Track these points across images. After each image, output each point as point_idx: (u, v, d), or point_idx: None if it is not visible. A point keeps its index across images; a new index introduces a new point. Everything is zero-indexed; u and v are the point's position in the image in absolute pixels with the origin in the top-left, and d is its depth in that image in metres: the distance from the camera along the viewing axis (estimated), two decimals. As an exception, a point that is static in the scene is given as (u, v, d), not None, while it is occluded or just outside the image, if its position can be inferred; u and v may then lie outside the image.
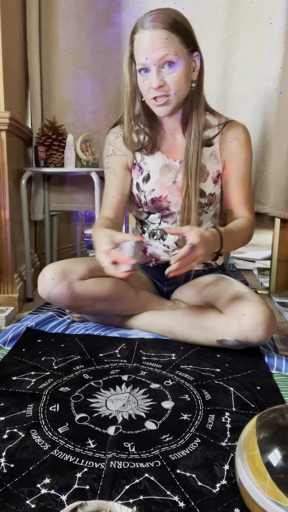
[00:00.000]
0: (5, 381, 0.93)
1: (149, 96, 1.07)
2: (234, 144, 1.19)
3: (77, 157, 1.66)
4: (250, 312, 1.03)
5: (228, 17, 1.53)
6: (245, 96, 1.60)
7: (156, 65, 1.02)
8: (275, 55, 1.48)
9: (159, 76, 1.03)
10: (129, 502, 0.58)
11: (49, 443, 0.71)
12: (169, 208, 1.23)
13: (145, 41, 1.01)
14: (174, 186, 1.20)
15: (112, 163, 1.25)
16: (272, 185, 1.60)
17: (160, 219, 1.25)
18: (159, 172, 1.21)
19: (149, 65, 1.03)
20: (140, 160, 1.22)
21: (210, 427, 0.77)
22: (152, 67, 1.03)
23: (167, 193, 1.20)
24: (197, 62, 1.08)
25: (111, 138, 1.25)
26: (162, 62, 1.02)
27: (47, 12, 1.63)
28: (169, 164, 1.20)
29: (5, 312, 1.33)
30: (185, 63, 1.04)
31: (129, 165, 1.25)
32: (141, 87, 1.09)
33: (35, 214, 1.81)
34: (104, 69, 1.68)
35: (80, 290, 1.14)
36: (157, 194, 1.21)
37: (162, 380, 0.95)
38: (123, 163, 1.24)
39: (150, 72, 1.04)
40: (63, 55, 1.66)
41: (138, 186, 1.24)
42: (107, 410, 0.82)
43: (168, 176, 1.20)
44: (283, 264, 1.78)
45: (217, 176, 1.22)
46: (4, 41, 1.39)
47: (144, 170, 1.22)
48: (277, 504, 0.50)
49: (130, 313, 1.26)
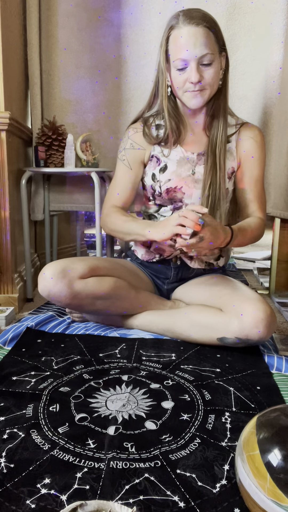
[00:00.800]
0: (5, 381, 0.93)
1: (185, 89, 1.12)
2: (250, 143, 1.24)
3: (77, 157, 1.66)
4: (250, 310, 1.03)
5: (228, 17, 1.54)
6: (245, 96, 1.60)
7: (196, 60, 1.07)
8: (275, 55, 1.48)
9: (199, 71, 1.08)
10: (129, 502, 0.58)
11: (49, 443, 0.71)
12: (182, 200, 1.25)
13: (187, 37, 1.05)
14: (190, 178, 1.22)
15: (129, 156, 1.27)
16: (272, 185, 1.60)
17: (172, 211, 1.27)
18: (177, 164, 1.23)
19: (189, 60, 1.07)
20: (159, 152, 1.25)
21: (210, 427, 0.77)
22: (192, 62, 1.07)
23: (182, 184, 1.23)
24: (224, 61, 1.14)
25: (131, 132, 1.27)
26: (202, 59, 1.07)
27: (47, 12, 1.63)
28: (187, 156, 1.23)
29: (5, 312, 1.33)
30: (218, 61, 1.11)
31: (145, 159, 1.27)
32: (175, 81, 1.13)
33: (35, 214, 1.81)
34: (104, 68, 1.68)
35: (80, 288, 1.14)
36: (173, 184, 1.23)
37: (162, 380, 0.95)
38: (140, 157, 1.27)
39: (189, 67, 1.08)
40: (63, 55, 1.66)
41: (154, 176, 1.26)
42: (107, 410, 0.82)
43: (185, 168, 1.23)
44: (283, 264, 1.78)
45: (231, 172, 1.25)
46: (4, 41, 1.39)
47: (162, 161, 1.24)
48: (277, 504, 0.50)
49: (129, 312, 1.26)
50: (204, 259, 1.30)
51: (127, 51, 1.65)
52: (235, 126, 1.25)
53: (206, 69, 1.09)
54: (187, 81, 1.10)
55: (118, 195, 1.28)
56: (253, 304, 1.04)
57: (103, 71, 1.68)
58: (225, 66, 1.15)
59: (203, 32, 1.05)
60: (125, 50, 1.65)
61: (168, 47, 1.11)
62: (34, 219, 1.82)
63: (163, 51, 1.13)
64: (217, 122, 1.19)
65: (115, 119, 1.72)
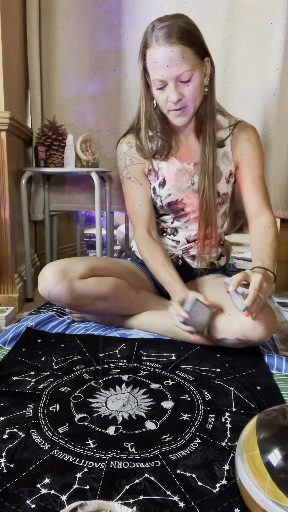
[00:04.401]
0: (5, 381, 0.93)
1: (167, 108, 1.11)
2: (245, 145, 1.22)
3: (77, 157, 1.66)
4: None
5: (228, 17, 1.53)
6: (245, 96, 1.60)
7: (173, 80, 1.05)
8: (275, 55, 1.48)
9: (177, 90, 1.06)
10: (129, 502, 0.58)
11: (49, 443, 0.71)
12: (184, 209, 1.25)
13: (161, 58, 1.03)
14: (190, 189, 1.22)
15: (133, 172, 1.25)
16: (272, 185, 1.60)
17: (173, 219, 1.27)
18: (174, 177, 1.22)
19: (167, 80, 1.05)
20: (156, 166, 1.24)
21: (210, 427, 0.77)
22: (170, 82, 1.05)
23: (183, 196, 1.23)
24: (208, 67, 1.11)
25: (125, 148, 1.25)
26: (180, 77, 1.04)
27: (47, 12, 1.63)
28: (184, 168, 1.22)
29: (5, 312, 1.33)
30: (199, 73, 1.07)
31: (146, 171, 1.26)
32: (158, 99, 1.12)
33: (35, 214, 1.81)
34: (104, 68, 1.68)
35: (80, 289, 1.14)
36: (174, 198, 1.23)
37: (162, 380, 0.95)
38: (142, 170, 1.26)
39: (168, 87, 1.06)
40: (63, 55, 1.66)
41: (154, 190, 1.26)
42: (107, 410, 0.82)
43: (183, 180, 1.22)
44: (283, 264, 1.78)
45: (229, 175, 1.24)
46: (4, 41, 1.39)
47: (160, 175, 1.23)
48: (277, 504, 0.50)
49: (129, 312, 1.26)
50: (207, 258, 1.30)
51: (127, 45, 1.64)
52: (228, 128, 1.23)
53: (185, 86, 1.06)
54: (168, 100, 1.08)
55: (144, 214, 1.25)
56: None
57: (103, 72, 1.68)
58: (211, 71, 1.11)
59: (178, 50, 1.02)
60: (125, 51, 1.65)
61: (146, 64, 1.09)
62: (34, 219, 1.82)
63: (141, 68, 1.10)
64: (205, 132, 1.17)
65: (115, 119, 1.72)
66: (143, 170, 1.26)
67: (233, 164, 1.24)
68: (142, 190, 1.26)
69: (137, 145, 1.23)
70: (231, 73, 1.59)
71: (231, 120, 1.24)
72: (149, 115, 1.17)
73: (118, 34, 1.65)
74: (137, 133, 1.23)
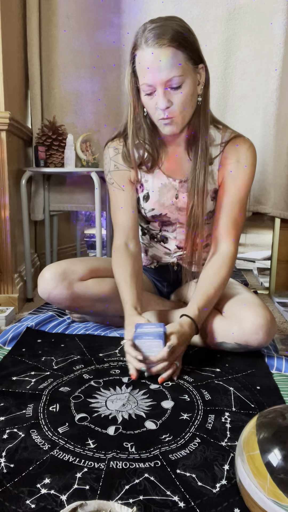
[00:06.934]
0: (5, 381, 0.93)
1: (156, 116, 1.02)
2: (233, 166, 1.11)
3: (77, 157, 1.66)
4: (251, 316, 1.02)
5: (228, 17, 1.53)
6: (245, 96, 1.60)
7: (162, 85, 0.95)
8: (275, 55, 1.49)
9: (166, 97, 0.97)
10: (129, 502, 0.58)
11: (49, 443, 0.71)
12: (170, 220, 1.20)
13: (150, 61, 0.94)
14: (173, 206, 1.17)
15: (116, 178, 1.17)
16: (272, 185, 1.60)
17: (160, 227, 1.24)
18: (159, 192, 1.15)
19: (155, 85, 0.96)
20: (141, 178, 1.17)
21: (210, 427, 0.77)
22: (158, 87, 0.96)
23: (166, 211, 1.17)
24: (203, 74, 1.01)
25: (111, 153, 1.17)
26: (169, 83, 0.95)
27: (47, 12, 1.63)
28: (169, 183, 1.15)
29: (5, 312, 1.33)
30: (191, 79, 0.98)
31: (132, 178, 1.18)
32: (147, 106, 1.03)
33: (35, 214, 1.81)
34: (104, 68, 1.68)
35: (80, 290, 1.13)
36: (157, 213, 1.18)
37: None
38: (127, 176, 1.17)
39: (156, 92, 0.97)
40: (63, 55, 1.66)
41: (139, 200, 1.20)
42: (107, 410, 0.82)
43: (167, 196, 1.15)
44: (283, 264, 1.78)
45: (214, 192, 1.16)
46: (4, 41, 1.39)
47: (144, 188, 1.17)
48: (277, 504, 0.50)
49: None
50: (204, 263, 1.29)
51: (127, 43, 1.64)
52: (220, 145, 1.12)
53: (175, 93, 0.96)
54: (156, 106, 0.99)
55: (123, 221, 1.18)
56: (254, 310, 1.03)
57: (103, 72, 1.68)
58: (205, 79, 1.02)
59: (169, 53, 0.92)
60: (125, 51, 1.65)
61: (135, 68, 1.00)
62: (34, 219, 1.82)
63: (130, 72, 1.01)
64: (197, 146, 1.07)
65: (115, 119, 1.72)
66: (128, 176, 1.17)
67: (217, 183, 1.15)
68: (124, 197, 1.17)
69: (124, 152, 1.14)
70: (231, 73, 1.59)
71: (224, 135, 1.12)
72: (137, 123, 1.07)
73: (118, 34, 1.65)
74: (125, 139, 1.14)
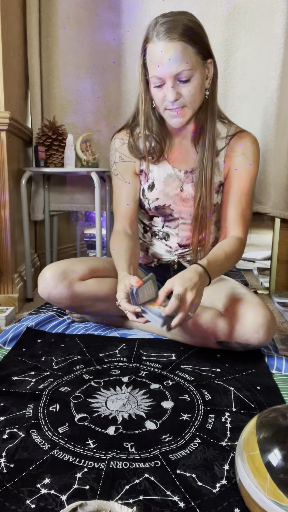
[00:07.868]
0: (5, 381, 0.93)
1: (164, 107, 1.06)
2: (239, 159, 1.16)
3: (77, 157, 1.66)
4: (251, 315, 1.02)
5: (228, 17, 1.53)
6: (245, 96, 1.60)
7: (172, 78, 0.99)
8: (275, 55, 1.48)
9: (175, 89, 1.01)
10: (129, 502, 0.58)
11: (49, 443, 0.71)
12: (172, 214, 1.22)
13: (160, 54, 0.98)
14: (178, 197, 1.19)
15: (121, 169, 1.22)
16: (272, 185, 1.60)
17: (163, 223, 1.25)
18: (164, 182, 1.18)
19: (165, 78, 1.00)
20: (146, 168, 1.20)
21: (210, 427, 0.77)
22: (168, 80, 1.00)
23: (170, 202, 1.19)
24: (211, 69, 1.06)
25: (117, 144, 1.22)
26: (179, 76, 1.00)
27: (47, 12, 1.63)
28: (175, 174, 1.18)
29: (5, 312, 1.33)
30: (200, 73, 1.02)
31: (137, 170, 1.22)
32: (155, 97, 1.06)
33: (35, 214, 1.81)
34: (104, 68, 1.68)
35: (80, 290, 1.13)
36: (161, 203, 1.20)
37: (162, 380, 0.95)
38: (132, 168, 1.22)
39: (165, 85, 1.01)
40: (63, 55, 1.66)
41: (143, 191, 1.23)
42: (107, 410, 0.82)
43: (172, 186, 1.18)
44: (283, 264, 1.78)
45: (219, 186, 1.20)
46: (4, 41, 1.39)
47: (150, 178, 1.20)
48: (277, 504, 0.50)
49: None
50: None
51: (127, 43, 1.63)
52: (226, 139, 1.17)
53: (184, 86, 1.01)
54: (165, 99, 1.03)
55: (123, 211, 1.21)
56: (254, 309, 1.03)
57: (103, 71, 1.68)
58: (213, 74, 1.06)
59: (179, 47, 0.97)
60: (125, 51, 1.65)
61: (146, 60, 1.04)
62: (34, 219, 1.82)
63: (141, 64, 1.05)
64: (204, 138, 1.11)
65: (115, 119, 1.72)
66: (133, 168, 1.21)
67: (223, 175, 1.19)
68: (127, 189, 1.21)
69: (130, 142, 1.19)
70: (231, 73, 1.59)
71: (230, 129, 1.18)
72: (146, 114, 1.12)
73: (118, 33, 1.65)
74: (131, 131, 1.19)
